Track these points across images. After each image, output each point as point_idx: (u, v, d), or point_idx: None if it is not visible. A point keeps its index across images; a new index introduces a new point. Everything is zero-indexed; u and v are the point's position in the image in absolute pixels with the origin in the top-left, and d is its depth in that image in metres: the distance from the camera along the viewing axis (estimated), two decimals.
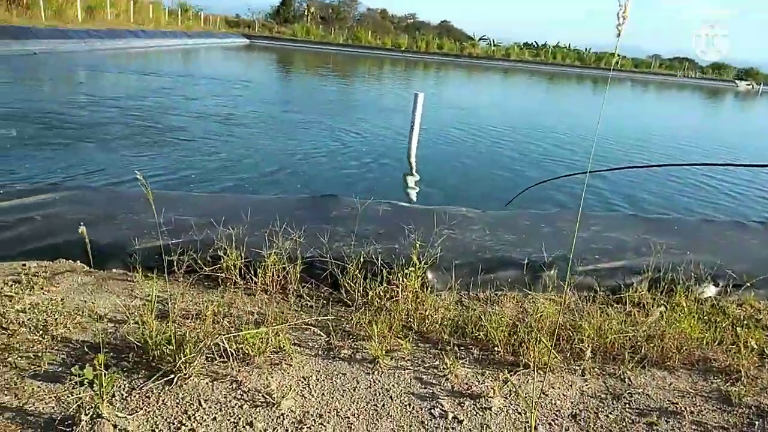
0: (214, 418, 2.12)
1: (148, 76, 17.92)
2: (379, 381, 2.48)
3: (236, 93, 16.11)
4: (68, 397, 2.14)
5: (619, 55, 65.45)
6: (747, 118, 30.18)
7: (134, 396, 2.19)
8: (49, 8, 27.62)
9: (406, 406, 2.32)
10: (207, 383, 2.30)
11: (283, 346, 2.58)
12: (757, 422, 2.37)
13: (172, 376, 2.27)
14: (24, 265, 3.28)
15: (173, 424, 2.07)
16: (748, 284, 3.69)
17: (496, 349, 2.80)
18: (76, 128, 9.21)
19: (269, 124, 11.58)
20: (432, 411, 2.30)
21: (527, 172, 9.52)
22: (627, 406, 2.44)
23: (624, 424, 2.32)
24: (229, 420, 2.12)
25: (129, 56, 25.53)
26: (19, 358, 2.35)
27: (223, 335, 2.47)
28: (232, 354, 2.41)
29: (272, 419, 2.15)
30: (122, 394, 2.19)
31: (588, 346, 2.80)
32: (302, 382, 2.40)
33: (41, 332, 2.54)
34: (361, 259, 3.41)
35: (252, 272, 3.26)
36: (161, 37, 35.13)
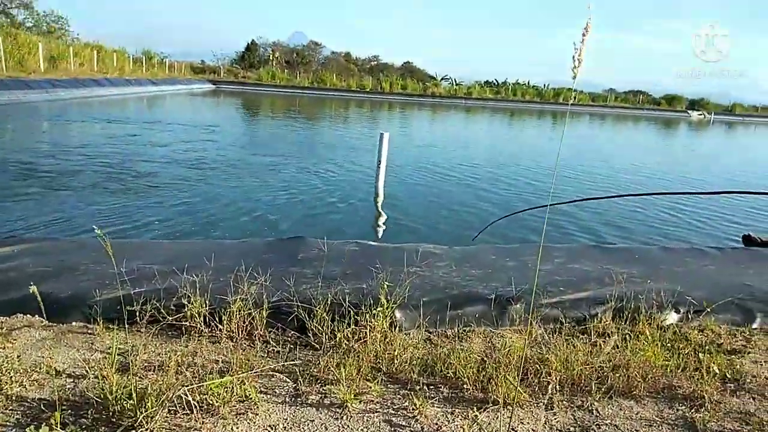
0: None
1: (115, 124, 17.81)
2: (348, 426, 2.45)
3: (204, 138, 16.10)
4: None
5: (576, 91, 67.53)
6: (705, 146, 31.22)
7: None
8: (11, 59, 27.46)
9: None
10: None
11: (249, 394, 2.53)
12: None
13: (133, 431, 2.20)
14: None
15: None
16: (708, 310, 3.78)
17: (465, 386, 2.79)
18: (46, 178, 9.13)
19: (239, 167, 11.58)
20: None
21: (496, 205, 9.67)
22: None
23: None
24: None
25: (94, 105, 25.37)
26: None
27: (186, 386, 2.42)
28: (195, 406, 2.36)
29: None
30: None
31: (555, 378, 2.82)
32: None
33: None
34: (329, 301, 3.40)
35: (217, 319, 3.21)
36: (125, 84, 35.10)
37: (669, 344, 3.35)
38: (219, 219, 7.52)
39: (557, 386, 2.80)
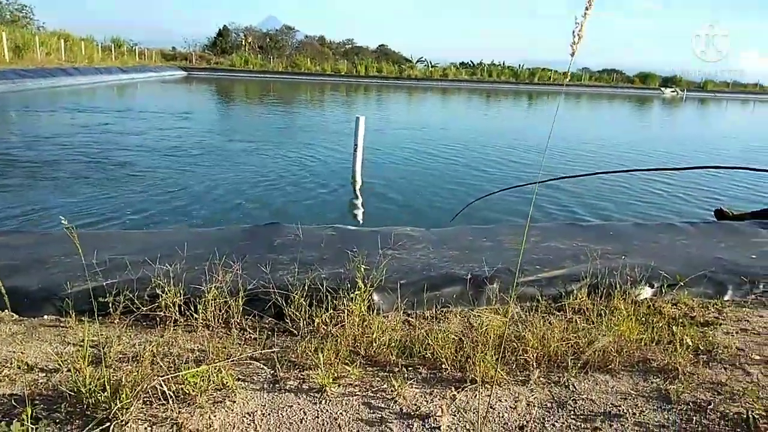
0: None
1: (86, 114, 17.47)
2: (327, 410, 2.44)
3: (179, 125, 15.90)
4: None
5: (549, 70, 68.03)
6: (679, 123, 31.62)
7: None
8: None
9: None
10: (146, 428, 2.21)
11: (226, 382, 2.51)
12: (695, 417, 2.44)
13: (108, 423, 2.17)
14: None
15: None
16: (681, 283, 3.83)
17: (443, 366, 2.80)
18: (21, 169, 8.97)
19: (216, 154, 11.48)
20: None
21: (475, 186, 9.71)
22: (572, 413, 2.48)
23: (570, 431, 2.35)
24: None
25: (63, 94, 24.83)
26: None
27: (162, 377, 2.39)
28: (171, 396, 2.33)
29: None
30: None
31: (532, 356, 2.85)
32: (247, 419, 2.34)
33: None
34: (306, 287, 3.38)
35: (192, 308, 3.18)
36: (94, 73, 34.41)
37: (643, 318, 3.40)
38: (198, 207, 7.46)
39: (534, 363, 2.83)
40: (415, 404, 2.50)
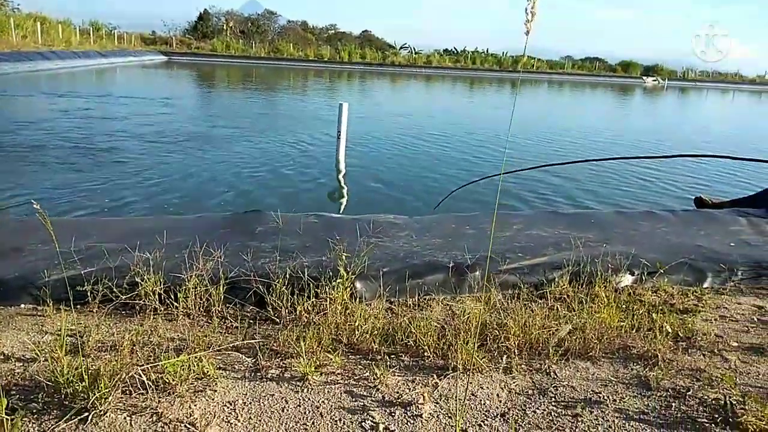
0: None
1: (66, 98, 17.16)
2: (309, 398, 2.43)
3: (161, 111, 15.69)
4: None
5: (534, 58, 68.24)
6: (660, 112, 31.89)
7: None
8: None
9: (336, 421, 2.29)
10: (125, 418, 2.18)
11: (207, 371, 2.49)
12: (674, 404, 2.47)
13: (87, 413, 2.14)
14: None
15: None
16: (662, 271, 3.87)
17: (425, 354, 2.80)
18: (10, 153, 8.87)
19: (199, 140, 11.34)
20: (363, 424, 2.28)
21: (462, 172, 9.72)
22: (553, 400, 2.49)
23: (551, 418, 2.36)
24: None
25: (41, 79, 24.37)
26: None
27: (141, 366, 2.36)
28: (150, 385, 2.31)
29: None
30: None
31: (514, 343, 2.86)
32: (228, 408, 2.32)
33: None
34: (288, 275, 3.35)
35: (173, 297, 3.14)
36: (73, 57, 33.82)
37: (624, 306, 3.43)
38: (184, 193, 7.38)
39: (516, 350, 2.84)
40: (397, 392, 2.50)
